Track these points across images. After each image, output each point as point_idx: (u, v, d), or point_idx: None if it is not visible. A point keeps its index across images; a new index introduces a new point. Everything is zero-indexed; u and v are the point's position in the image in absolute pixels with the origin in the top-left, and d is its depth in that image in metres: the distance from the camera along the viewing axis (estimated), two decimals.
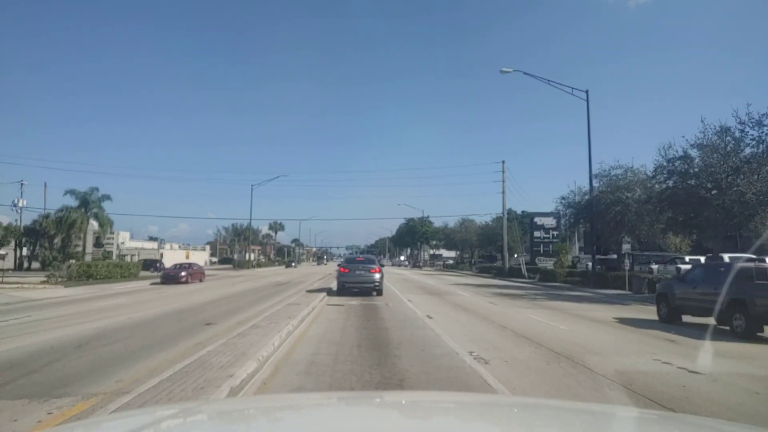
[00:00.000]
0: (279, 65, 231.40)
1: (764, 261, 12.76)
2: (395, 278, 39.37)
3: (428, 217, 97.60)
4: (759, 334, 11.17)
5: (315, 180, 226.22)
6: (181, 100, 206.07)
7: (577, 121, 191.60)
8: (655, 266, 28.98)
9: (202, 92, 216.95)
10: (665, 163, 23.37)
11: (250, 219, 69.99)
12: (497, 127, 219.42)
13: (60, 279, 31.17)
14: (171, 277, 31.33)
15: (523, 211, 65.55)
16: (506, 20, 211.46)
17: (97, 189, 40.84)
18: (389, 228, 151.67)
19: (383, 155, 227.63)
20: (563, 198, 32.57)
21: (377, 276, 20.83)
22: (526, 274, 41.81)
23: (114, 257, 50.16)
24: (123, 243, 75.91)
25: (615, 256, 34.51)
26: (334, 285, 23.77)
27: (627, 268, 26.48)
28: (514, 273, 45.19)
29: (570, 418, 2.15)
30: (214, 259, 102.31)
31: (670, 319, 13.98)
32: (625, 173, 29.26)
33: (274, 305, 16.52)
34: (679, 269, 18.80)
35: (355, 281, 20.88)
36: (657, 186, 24.70)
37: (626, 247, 26.66)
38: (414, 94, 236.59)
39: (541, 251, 47.20)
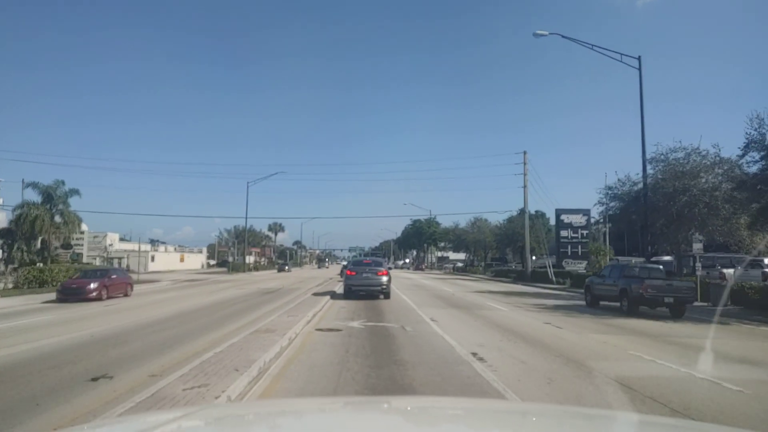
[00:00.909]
0: (292, 68, 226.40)
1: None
2: (404, 283, 34.01)
3: (435, 217, 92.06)
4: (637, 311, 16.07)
5: (317, 179, 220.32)
6: (180, 102, 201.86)
7: (593, 118, 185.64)
8: (728, 270, 22.88)
9: (201, 94, 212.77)
10: (759, 137, 17.93)
11: (246, 218, 64.96)
12: (508, 128, 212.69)
13: (5, 286, 26.24)
14: (72, 291, 20.39)
15: (536, 211, 59.91)
16: (513, 22, 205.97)
17: (63, 182, 35.76)
18: (395, 230, 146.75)
19: (389, 156, 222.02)
20: (609, 188, 26.84)
21: (384, 279, 20.27)
22: (554, 279, 36.31)
23: (84, 259, 44.98)
24: (111, 245, 71.50)
25: (668, 257, 29.04)
26: (337, 288, 23.38)
27: (699, 272, 21.07)
28: (537, 277, 39.68)
29: (580, 425, 2.05)
30: (212, 262, 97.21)
31: (592, 305, 18.70)
32: (687, 156, 23.64)
33: (238, 331, 11.28)
34: None
35: (361, 284, 20.28)
36: (748, 167, 19.17)
37: (697, 247, 21.24)
38: (419, 95, 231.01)
39: (569, 252, 41.57)
